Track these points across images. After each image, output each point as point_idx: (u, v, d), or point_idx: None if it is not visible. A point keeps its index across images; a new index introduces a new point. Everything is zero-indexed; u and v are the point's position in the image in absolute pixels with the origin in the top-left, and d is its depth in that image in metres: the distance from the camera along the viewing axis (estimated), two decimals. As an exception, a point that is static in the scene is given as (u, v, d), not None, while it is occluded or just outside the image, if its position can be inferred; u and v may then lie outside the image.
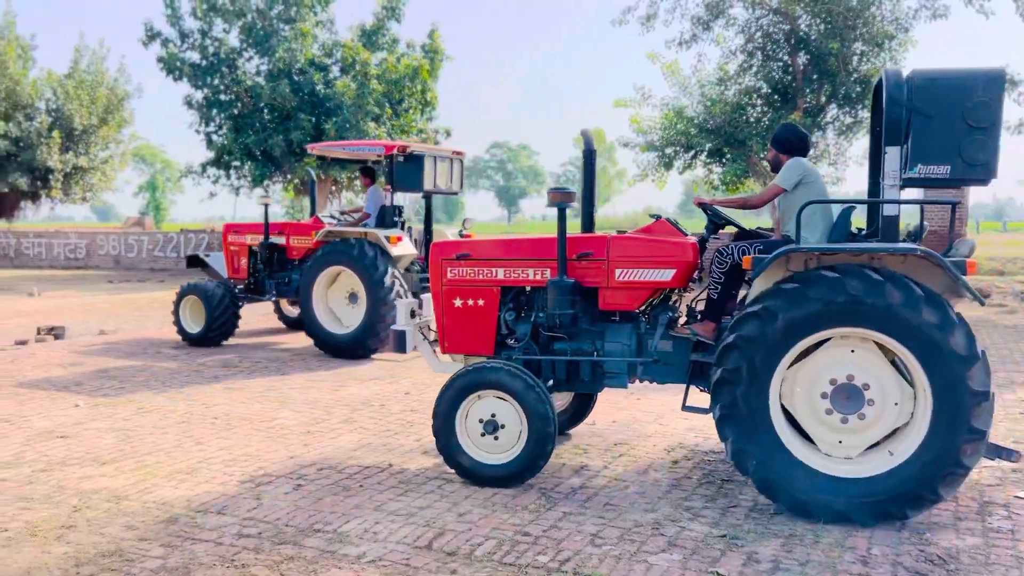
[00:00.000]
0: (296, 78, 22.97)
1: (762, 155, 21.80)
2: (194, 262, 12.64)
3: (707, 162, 21.82)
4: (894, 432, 4.62)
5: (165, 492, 5.10)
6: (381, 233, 10.04)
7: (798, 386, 4.64)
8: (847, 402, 4.56)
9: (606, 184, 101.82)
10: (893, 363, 4.62)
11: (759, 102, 21.48)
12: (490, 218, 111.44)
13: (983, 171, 4.47)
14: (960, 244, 4.98)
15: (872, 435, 4.59)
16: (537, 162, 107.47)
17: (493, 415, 5.13)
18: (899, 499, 4.45)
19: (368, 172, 11.27)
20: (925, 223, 5.17)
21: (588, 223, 5.65)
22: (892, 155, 4.59)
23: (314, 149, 11.03)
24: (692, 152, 21.59)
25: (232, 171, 24.67)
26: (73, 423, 6.83)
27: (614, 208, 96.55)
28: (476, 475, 5.18)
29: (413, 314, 5.85)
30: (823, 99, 20.57)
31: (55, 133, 28.19)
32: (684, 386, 5.35)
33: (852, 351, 4.58)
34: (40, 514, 4.73)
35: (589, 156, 5.50)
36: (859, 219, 5.42)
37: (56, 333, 11.74)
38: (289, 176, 23.91)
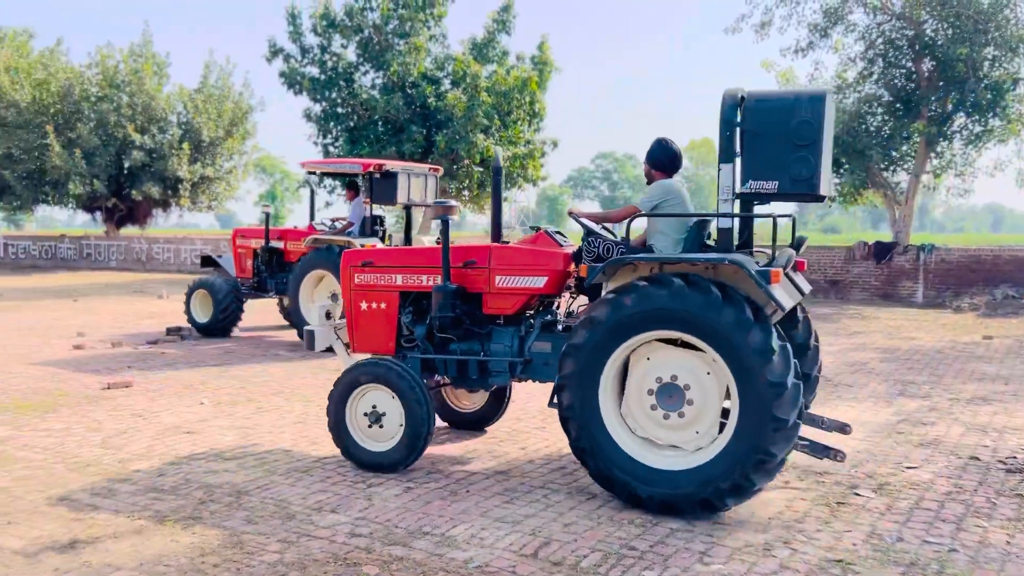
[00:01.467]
0: (409, 91, 23.51)
1: (880, 166, 20.93)
2: (207, 262, 14.19)
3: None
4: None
5: (282, 489, 5.32)
6: (358, 241, 11.03)
7: (634, 377, 4.95)
8: (669, 400, 4.86)
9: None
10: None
11: (879, 110, 20.65)
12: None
13: (807, 186, 4.70)
14: (780, 255, 5.20)
15: (688, 435, 4.86)
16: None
17: (374, 406, 5.61)
18: (680, 506, 4.75)
19: (352, 186, 12.52)
20: (803, 236, 5.58)
21: (496, 234, 5.99)
22: (726, 171, 4.83)
23: (306, 165, 12.19)
24: (807, 163, 20.92)
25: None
26: (198, 420, 7.21)
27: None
28: (367, 463, 5.67)
29: (328, 316, 6.32)
30: (949, 107, 19.58)
31: (185, 145, 29.87)
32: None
33: (690, 354, 4.83)
34: (169, 505, 5.02)
35: (496, 173, 5.89)
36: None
37: (183, 334, 12.43)
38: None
